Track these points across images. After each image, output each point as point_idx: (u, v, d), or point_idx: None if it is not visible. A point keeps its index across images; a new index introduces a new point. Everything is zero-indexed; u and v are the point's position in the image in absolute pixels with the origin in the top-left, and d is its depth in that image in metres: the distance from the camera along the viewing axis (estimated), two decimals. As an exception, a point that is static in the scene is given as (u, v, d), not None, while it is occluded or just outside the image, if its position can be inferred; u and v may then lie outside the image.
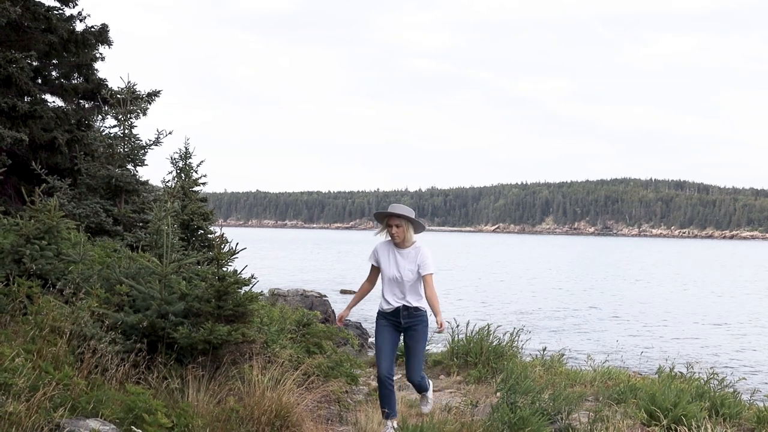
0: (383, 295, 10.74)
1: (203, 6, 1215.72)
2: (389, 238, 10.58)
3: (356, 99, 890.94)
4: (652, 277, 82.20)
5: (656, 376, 17.70)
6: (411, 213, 10.41)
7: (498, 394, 14.07)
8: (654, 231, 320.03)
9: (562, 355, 19.39)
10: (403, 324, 10.68)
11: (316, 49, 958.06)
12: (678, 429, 12.35)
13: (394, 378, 16.76)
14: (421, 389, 11.50)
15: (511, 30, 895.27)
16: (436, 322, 10.25)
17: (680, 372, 17.47)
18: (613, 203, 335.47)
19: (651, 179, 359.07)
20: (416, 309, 10.63)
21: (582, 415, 13.23)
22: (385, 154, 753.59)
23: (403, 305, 10.61)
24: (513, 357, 17.69)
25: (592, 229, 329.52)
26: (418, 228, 10.56)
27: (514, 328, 19.09)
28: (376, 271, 10.87)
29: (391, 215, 10.34)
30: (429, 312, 10.64)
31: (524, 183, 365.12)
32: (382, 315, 10.81)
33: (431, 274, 10.45)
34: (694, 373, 17.20)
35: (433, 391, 15.86)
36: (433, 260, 10.47)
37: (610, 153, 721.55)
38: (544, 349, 19.20)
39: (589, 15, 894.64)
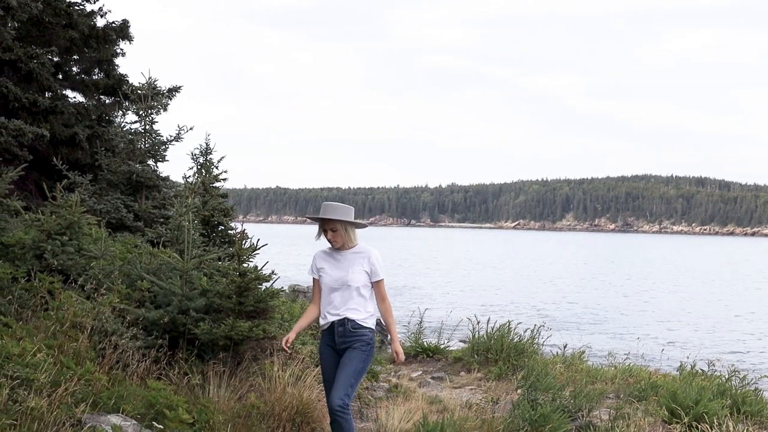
0: (321, 310, 8.82)
1: (223, 2, 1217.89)
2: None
3: (375, 95, 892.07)
4: (674, 275, 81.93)
5: (677, 373, 17.61)
6: (346, 213, 8.56)
7: (519, 391, 14.03)
8: (675, 228, 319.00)
9: (583, 352, 19.32)
10: (338, 345, 8.61)
11: (335, 45, 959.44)
12: (699, 427, 12.29)
13: (414, 375, 16.74)
14: (338, 421, 8.42)
15: (529, 26, 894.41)
16: (393, 350, 8.85)
17: (701, 369, 17.38)
18: (634, 200, 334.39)
19: (672, 176, 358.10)
20: (356, 326, 8.55)
21: (603, 412, 13.18)
22: (404, 150, 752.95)
23: (339, 320, 8.58)
24: (534, 354, 17.63)
25: (612, 226, 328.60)
26: (360, 226, 8.81)
27: (535, 325, 19.02)
28: (320, 285, 8.88)
29: (325, 220, 8.59)
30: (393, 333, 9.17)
31: (544, 179, 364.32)
32: (322, 334, 8.89)
33: (383, 279, 8.72)
34: (716, 370, 17.11)
35: (454, 387, 15.85)
36: (383, 266, 8.76)
37: (630, 149, 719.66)
38: (565, 346, 19.13)
39: (606, 11, 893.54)
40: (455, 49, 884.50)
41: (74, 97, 23.16)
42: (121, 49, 23.53)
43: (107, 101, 24.01)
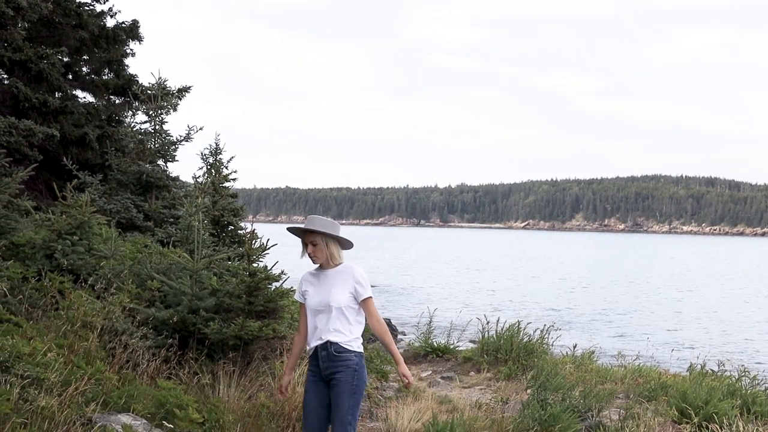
0: (307, 336, 8.09)
1: (231, 2, 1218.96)
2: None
3: (384, 95, 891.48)
4: (684, 275, 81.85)
5: (687, 373, 17.59)
6: (329, 226, 7.95)
7: (528, 391, 14.03)
8: (685, 228, 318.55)
9: (593, 352, 19.30)
10: (323, 371, 7.82)
11: (343, 45, 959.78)
12: (709, 427, 12.28)
13: (424, 375, 16.74)
14: None
15: (538, 25, 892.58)
16: (400, 374, 8.01)
17: (711, 370, 17.35)
18: (644, 200, 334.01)
19: (682, 176, 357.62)
20: (340, 349, 7.77)
21: (613, 412, 13.17)
22: (414, 150, 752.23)
23: (322, 343, 7.83)
24: (543, 354, 17.63)
25: (622, 226, 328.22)
26: (345, 244, 8.10)
27: (545, 325, 19.02)
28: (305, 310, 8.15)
29: (305, 231, 7.95)
30: (386, 352, 8.53)
31: (554, 179, 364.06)
32: (309, 363, 8.08)
33: (371, 297, 7.99)
34: (726, 370, 17.08)
35: (463, 387, 15.85)
36: (369, 284, 8.09)
37: (639, 149, 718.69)
38: (575, 346, 19.11)
39: (616, 10, 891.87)
40: (465, 49, 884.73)
41: (84, 98, 23.23)
42: (131, 50, 23.59)
43: (117, 101, 24.05)
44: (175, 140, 19.49)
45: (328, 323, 7.79)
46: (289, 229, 8.15)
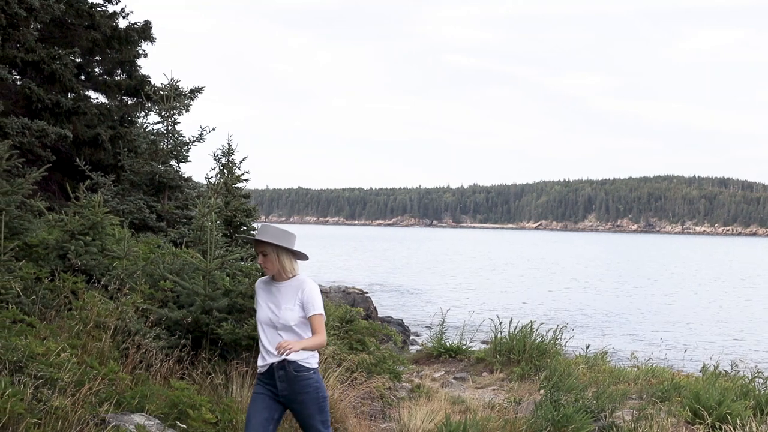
0: (260, 349, 7.68)
1: (245, 3, 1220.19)
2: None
3: (396, 95, 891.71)
4: (698, 276, 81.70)
5: (700, 374, 17.58)
6: (283, 238, 7.51)
7: (541, 391, 14.02)
8: (697, 228, 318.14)
9: (606, 352, 19.29)
10: (281, 393, 7.49)
11: (356, 45, 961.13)
12: (722, 428, 12.26)
13: (437, 375, 16.74)
14: None
15: (552, 25, 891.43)
16: (281, 345, 7.11)
17: (724, 370, 17.34)
18: (656, 200, 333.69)
19: (694, 176, 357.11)
20: (299, 368, 7.41)
21: (626, 413, 13.16)
22: (426, 150, 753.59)
23: (278, 363, 7.43)
24: (556, 354, 17.61)
25: (635, 227, 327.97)
26: (299, 256, 7.64)
27: (557, 326, 19.00)
28: None
29: (256, 241, 7.52)
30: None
31: (566, 180, 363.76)
32: (257, 377, 7.70)
33: (320, 315, 7.45)
34: (739, 371, 17.08)
35: (476, 388, 15.84)
36: (320, 299, 7.56)
37: (652, 149, 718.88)
38: (588, 347, 19.11)
39: (629, 10, 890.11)
40: (477, 49, 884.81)
41: (97, 98, 23.28)
42: (144, 50, 23.64)
43: (130, 102, 24.10)
44: (188, 141, 19.50)
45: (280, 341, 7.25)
46: (241, 237, 7.82)
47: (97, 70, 23.96)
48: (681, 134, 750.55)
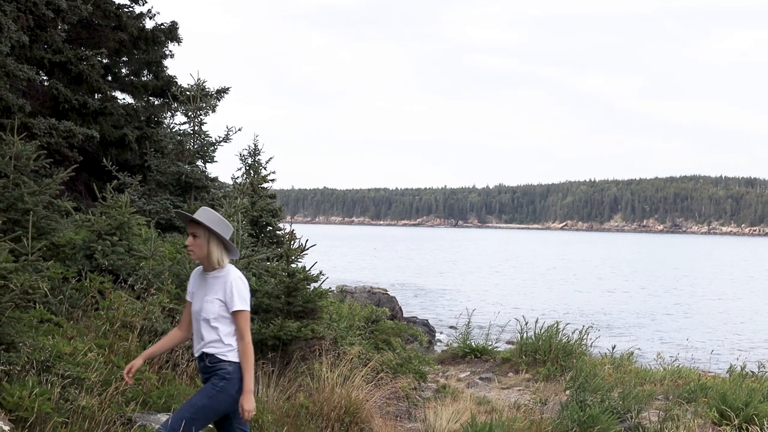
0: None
1: (271, 3, 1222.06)
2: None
3: (422, 95, 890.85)
4: (725, 276, 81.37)
5: (727, 375, 17.50)
6: (219, 224, 7.24)
7: (567, 392, 14.00)
8: (724, 229, 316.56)
9: (632, 353, 19.23)
10: (203, 381, 7.32)
11: (382, 46, 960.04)
12: (749, 429, 12.22)
13: (462, 376, 16.72)
14: None
15: (578, 25, 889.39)
16: (240, 404, 7.06)
17: (751, 371, 17.27)
18: (683, 201, 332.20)
19: (721, 176, 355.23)
20: (214, 360, 7.12)
21: (652, 413, 13.14)
22: (451, 150, 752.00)
23: (199, 355, 7.24)
24: (582, 355, 17.58)
25: (661, 227, 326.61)
26: (230, 249, 7.35)
27: (583, 326, 18.96)
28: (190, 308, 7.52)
29: (190, 220, 7.24)
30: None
31: (592, 180, 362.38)
32: None
33: (243, 311, 7.15)
34: (766, 372, 17.00)
35: (502, 388, 15.84)
36: (247, 294, 7.25)
37: (678, 149, 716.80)
38: (614, 348, 19.04)
39: (656, 9, 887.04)
40: (504, 49, 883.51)
41: (123, 99, 23.32)
42: (170, 51, 23.67)
43: (156, 102, 24.14)
44: (214, 141, 19.53)
45: (202, 334, 7.17)
46: (177, 213, 7.72)
47: (123, 70, 24.02)
48: (707, 134, 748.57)
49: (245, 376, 7.05)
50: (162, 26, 23.02)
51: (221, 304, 7.12)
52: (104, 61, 21.83)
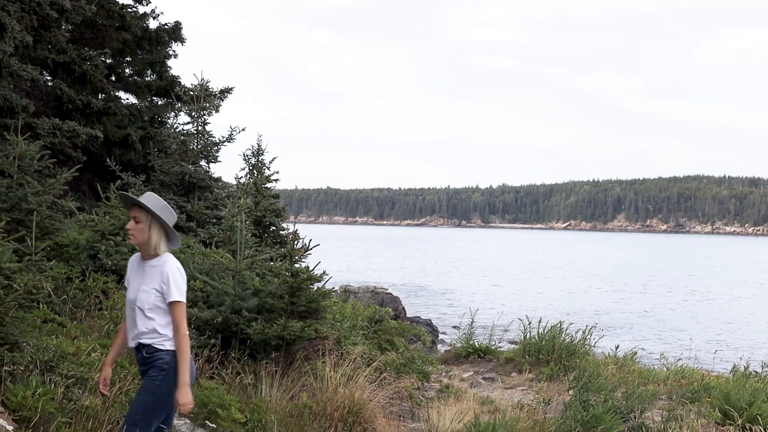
0: None
1: (274, 4, 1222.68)
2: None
3: (426, 95, 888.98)
4: (728, 276, 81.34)
5: (730, 375, 17.50)
6: (163, 210, 7.05)
7: (570, 391, 14.00)
8: (727, 229, 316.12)
9: (635, 353, 19.23)
10: (141, 372, 7.06)
11: (386, 46, 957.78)
12: (753, 429, 12.22)
13: (465, 375, 16.73)
14: None
15: (582, 25, 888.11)
16: (177, 397, 6.83)
17: (755, 371, 17.27)
18: (686, 200, 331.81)
19: (724, 176, 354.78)
20: (151, 350, 6.88)
21: (655, 413, 13.14)
22: (455, 150, 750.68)
23: (135, 345, 6.99)
24: (585, 355, 17.59)
25: (664, 227, 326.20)
26: (172, 238, 7.17)
27: (587, 326, 18.96)
28: None
29: (134, 204, 7.03)
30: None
31: (596, 180, 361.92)
32: None
33: (179, 303, 6.90)
34: (770, 372, 17.02)
35: (505, 388, 15.84)
36: (184, 285, 7.00)
37: (682, 149, 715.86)
38: (617, 347, 19.05)
39: (660, 10, 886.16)
40: (507, 49, 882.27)
41: (127, 99, 23.38)
42: (174, 51, 23.71)
43: (160, 102, 24.18)
44: (218, 141, 19.56)
45: (137, 324, 6.91)
46: (119, 195, 7.39)
47: (127, 70, 24.07)
48: (711, 134, 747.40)
49: (180, 369, 6.82)
50: (165, 26, 23.06)
51: (157, 294, 6.89)
52: (108, 61, 21.88)
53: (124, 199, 7.16)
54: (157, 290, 6.87)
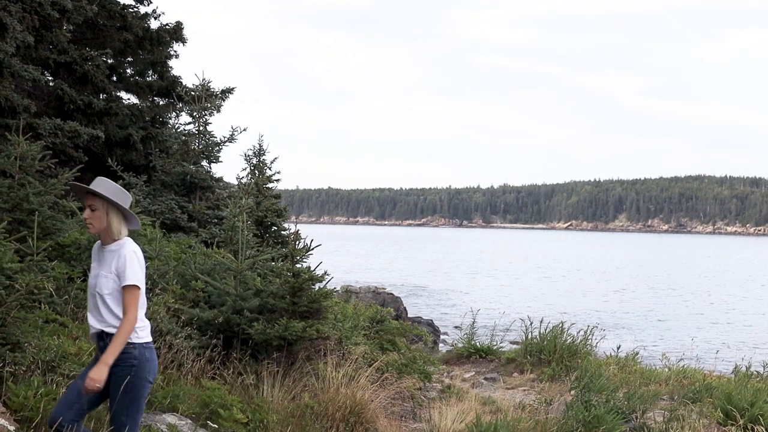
0: None
1: (276, 3, 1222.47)
2: None
3: (428, 95, 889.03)
4: (729, 276, 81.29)
5: (732, 375, 17.49)
6: (118, 194, 6.96)
7: (572, 392, 13.99)
8: (729, 229, 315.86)
9: (637, 353, 19.22)
10: (96, 358, 6.81)
11: (389, 46, 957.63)
12: (755, 429, 12.21)
13: (467, 376, 16.71)
14: None
15: (584, 25, 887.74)
16: (90, 372, 6.56)
17: (757, 371, 17.26)
18: (688, 200, 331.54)
19: (726, 176, 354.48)
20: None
21: (657, 414, 13.13)
22: (456, 150, 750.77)
23: (97, 333, 6.81)
24: (587, 355, 17.59)
25: (665, 227, 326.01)
26: (130, 219, 7.11)
27: (588, 326, 18.96)
28: None
29: (87, 192, 6.93)
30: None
31: (597, 180, 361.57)
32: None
33: (133, 286, 6.74)
34: (771, 372, 17.00)
35: (507, 388, 15.84)
36: (141, 270, 6.86)
37: (684, 149, 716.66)
38: (619, 348, 19.04)
39: (662, 9, 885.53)
40: (509, 49, 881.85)
41: (128, 99, 23.36)
42: (175, 51, 23.70)
43: (161, 103, 24.18)
44: (219, 141, 19.56)
45: (99, 311, 6.76)
46: (71, 186, 7.27)
47: (128, 71, 24.06)
48: (712, 134, 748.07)
49: (111, 349, 6.57)
50: (167, 26, 23.05)
51: (115, 279, 6.76)
52: (109, 61, 21.86)
53: (76, 189, 7.09)
54: (115, 275, 6.75)
